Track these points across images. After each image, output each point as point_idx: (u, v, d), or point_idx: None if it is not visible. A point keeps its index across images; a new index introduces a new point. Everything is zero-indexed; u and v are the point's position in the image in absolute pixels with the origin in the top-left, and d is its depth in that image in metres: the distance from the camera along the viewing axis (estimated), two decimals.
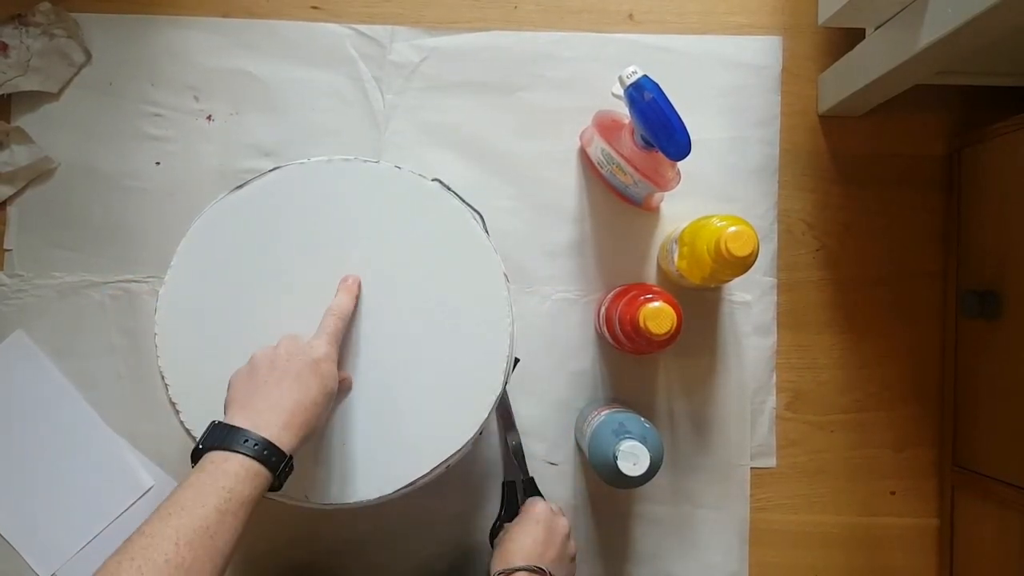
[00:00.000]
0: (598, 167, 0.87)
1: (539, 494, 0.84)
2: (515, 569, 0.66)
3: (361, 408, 0.66)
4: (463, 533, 0.85)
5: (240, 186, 0.68)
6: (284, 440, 0.54)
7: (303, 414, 0.56)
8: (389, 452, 0.65)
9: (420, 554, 0.85)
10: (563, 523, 0.74)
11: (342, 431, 0.66)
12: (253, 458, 0.51)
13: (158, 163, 0.88)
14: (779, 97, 0.90)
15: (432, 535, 0.85)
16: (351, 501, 0.65)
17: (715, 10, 0.90)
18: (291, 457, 0.54)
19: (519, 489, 0.85)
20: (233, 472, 0.51)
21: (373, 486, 0.65)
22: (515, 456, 0.84)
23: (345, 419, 0.66)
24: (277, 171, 0.68)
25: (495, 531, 0.84)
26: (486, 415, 0.67)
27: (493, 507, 0.85)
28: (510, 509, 0.84)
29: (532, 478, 0.85)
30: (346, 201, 0.68)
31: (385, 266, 0.67)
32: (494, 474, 0.85)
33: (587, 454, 0.76)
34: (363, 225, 0.68)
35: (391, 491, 0.65)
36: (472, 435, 0.66)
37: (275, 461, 0.53)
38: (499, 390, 0.67)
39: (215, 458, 0.51)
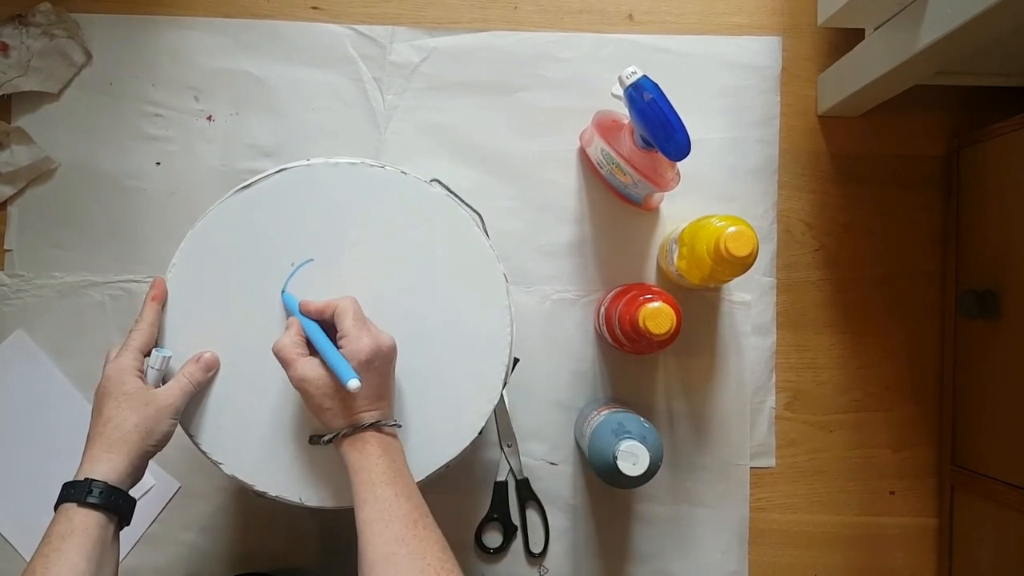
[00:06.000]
0: (598, 167, 0.87)
1: (534, 496, 0.85)
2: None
3: None
4: (459, 534, 0.84)
5: (245, 186, 0.68)
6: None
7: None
8: None
9: None
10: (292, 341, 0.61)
11: None
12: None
13: (158, 163, 0.88)
14: (778, 97, 0.90)
15: None
16: (347, 504, 0.65)
17: (714, 10, 0.90)
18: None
19: (511, 490, 0.85)
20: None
21: None
22: (509, 457, 0.85)
23: None
24: (282, 173, 0.68)
25: (480, 531, 0.84)
26: (486, 415, 0.67)
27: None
28: (500, 510, 0.84)
29: (526, 479, 0.85)
30: (350, 205, 0.68)
31: (386, 269, 0.67)
32: (490, 475, 0.85)
33: (587, 454, 0.76)
34: (366, 229, 0.68)
35: None
36: (471, 435, 0.66)
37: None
38: (499, 390, 0.67)
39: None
